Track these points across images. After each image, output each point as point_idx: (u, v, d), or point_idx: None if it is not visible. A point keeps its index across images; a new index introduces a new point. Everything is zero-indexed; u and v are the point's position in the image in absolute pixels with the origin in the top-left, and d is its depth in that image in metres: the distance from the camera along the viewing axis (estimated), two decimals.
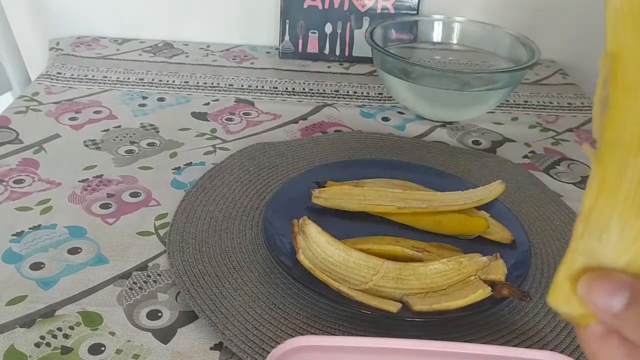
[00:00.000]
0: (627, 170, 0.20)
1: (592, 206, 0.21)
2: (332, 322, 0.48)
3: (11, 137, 0.72)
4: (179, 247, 0.54)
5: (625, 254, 0.21)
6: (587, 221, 0.21)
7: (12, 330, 0.46)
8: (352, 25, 0.96)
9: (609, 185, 0.21)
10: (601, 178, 0.21)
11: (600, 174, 0.21)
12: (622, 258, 0.21)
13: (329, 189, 0.59)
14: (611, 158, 0.21)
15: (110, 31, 1.02)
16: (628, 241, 0.20)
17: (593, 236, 0.21)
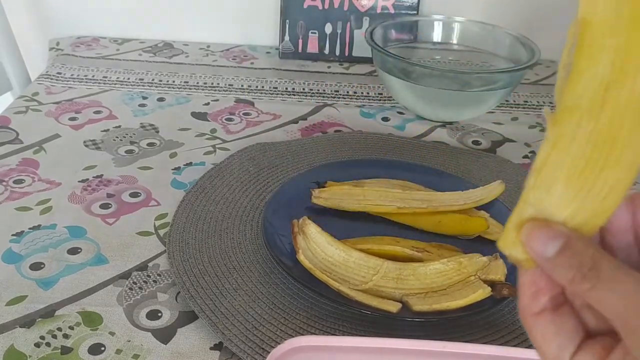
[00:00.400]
0: (578, 132, 0.22)
1: (544, 162, 0.22)
2: (332, 322, 0.48)
3: (11, 137, 0.72)
4: (178, 247, 0.54)
5: (568, 207, 0.22)
6: (538, 175, 0.23)
7: (12, 330, 0.46)
8: (352, 25, 0.96)
9: (561, 145, 0.22)
10: (555, 138, 0.22)
11: (554, 134, 0.22)
12: (565, 211, 0.22)
13: (329, 189, 0.59)
14: (566, 120, 0.22)
15: (110, 31, 1.02)
16: (570, 196, 0.22)
17: (542, 189, 0.23)
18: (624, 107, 0.21)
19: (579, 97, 0.21)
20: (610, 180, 0.22)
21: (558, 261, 0.22)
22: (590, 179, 0.22)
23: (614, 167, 0.22)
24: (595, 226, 0.23)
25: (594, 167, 0.22)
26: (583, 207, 0.22)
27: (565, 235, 0.22)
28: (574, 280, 0.21)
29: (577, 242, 0.22)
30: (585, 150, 0.22)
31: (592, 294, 0.21)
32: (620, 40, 0.20)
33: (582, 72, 0.21)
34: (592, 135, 0.21)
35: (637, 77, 0.20)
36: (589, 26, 0.21)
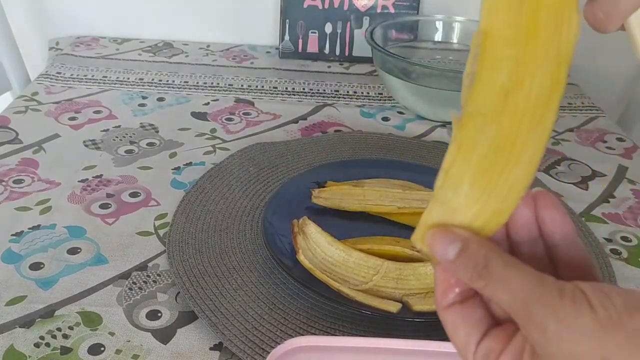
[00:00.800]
0: (481, 136, 0.23)
1: (450, 164, 0.24)
2: (332, 323, 0.48)
3: (11, 137, 0.72)
4: (178, 247, 0.54)
5: (473, 207, 0.24)
6: (446, 176, 0.24)
7: (12, 330, 0.46)
8: (352, 25, 0.96)
9: (466, 148, 0.23)
10: (460, 141, 0.24)
11: (460, 137, 0.24)
12: (471, 210, 0.24)
13: (329, 189, 0.59)
14: (471, 125, 0.23)
15: (110, 31, 1.02)
16: (475, 196, 0.24)
17: (450, 189, 0.24)
18: (521, 112, 0.22)
19: (481, 103, 0.23)
20: (510, 180, 0.23)
21: (458, 263, 0.24)
22: (493, 179, 0.23)
23: (513, 168, 0.23)
24: (498, 223, 0.25)
25: (495, 169, 0.23)
26: (487, 206, 0.24)
27: (462, 239, 0.24)
28: (472, 279, 0.24)
29: (472, 244, 0.24)
30: (487, 153, 0.23)
31: (487, 290, 0.23)
32: (518, 51, 0.22)
33: (484, 80, 0.23)
34: (493, 138, 0.23)
35: (533, 84, 0.22)
36: (489, 37, 0.22)
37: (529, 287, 0.22)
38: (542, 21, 0.22)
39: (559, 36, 0.22)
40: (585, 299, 0.21)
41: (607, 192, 0.68)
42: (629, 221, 0.63)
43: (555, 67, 0.22)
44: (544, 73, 0.22)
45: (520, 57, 0.22)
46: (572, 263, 0.25)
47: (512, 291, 0.22)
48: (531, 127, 0.23)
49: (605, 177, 0.71)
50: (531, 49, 0.22)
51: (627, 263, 0.57)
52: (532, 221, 0.26)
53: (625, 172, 0.72)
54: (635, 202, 0.66)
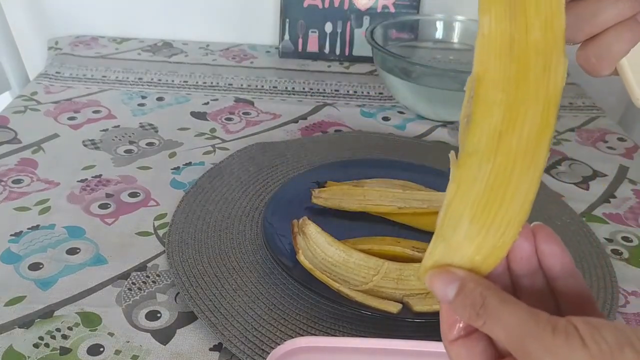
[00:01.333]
0: (479, 175, 0.24)
1: (450, 202, 0.25)
2: (332, 323, 0.48)
3: (10, 137, 0.71)
4: (178, 248, 0.54)
5: (473, 242, 0.25)
6: (446, 214, 0.25)
7: (11, 330, 0.46)
8: (352, 25, 0.96)
9: (464, 186, 0.25)
10: (458, 179, 0.25)
11: (458, 176, 0.25)
12: (471, 245, 0.25)
13: (329, 189, 0.59)
14: (468, 164, 0.25)
15: (109, 30, 1.01)
16: (474, 232, 0.25)
17: (450, 226, 0.25)
18: (514, 152, 0.24)
19: (477, 143, 0.24)
20: (507, 216, 0.25)
21: (456, 302, 0.25)
22: (490, 216, 0.25)
23: (509, 204, 0.25)
24: (498, 258, 0.26)
25: (492, 205, 0.25)
26: (486, 242, 0.25)
27: (459, 279, 0.25)
28: (471, 318, 0.24)
29: (469, 283, 0.25)
30: (484, 190, 0.24)
31: (485, 328, 0.24)
32: (509, 95, 0.24)
33: (479, 122, 0.24)
34: (489, 177, 0.24)
35: (524, 126, 0.24)
36: (482, 82, 0.24)
37: (523, 323, 0.23)
38: (532, 66, 0.24)
39: (548, 80, 0.24)
40: (577, 335, 0.21)
41: (608, 192, 0.68)
42: (630, 221, 0.63)
43: (545, 109, 0.24)
44: (534, 115, 0.24)
45: (511, 100, 0.24)
46: (572, 294, 0.26)
47: (508, 328, 0.23)
48: (524, 166, 0.24)
49: (606, 177, 0.70)
50: (521, 92, 0.24)
51: (628, 263, 0.57)
52: (532, 254, 0.27)
53: (626, 172, 0.72)
54: (636, 202, 0.66)
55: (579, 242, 0.58)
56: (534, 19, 0.24)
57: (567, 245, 0.56)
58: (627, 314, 0.51)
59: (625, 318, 0.51)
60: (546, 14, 0.24)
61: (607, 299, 0.51)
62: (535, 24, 0.24)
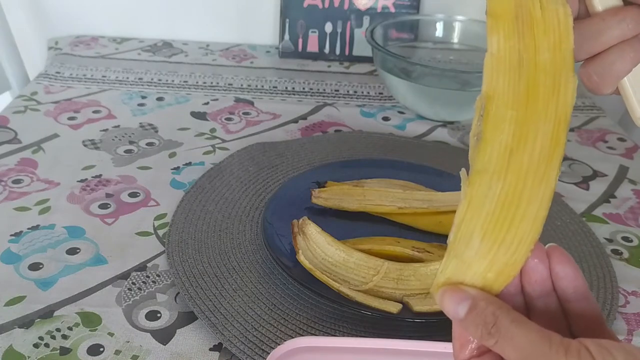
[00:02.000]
0: (489, 192, 0.25)
1: (461, 219, 0.25)
2: (332, 323, 0.48)
3: (10, 137, 0.71)
4: (178, 248, 0.54)
5: (485, 260, 0.25)
6: (458, 231, 0.25)
7: (11, 331, 0.46)
8: (352, 25, 0.96)
9: (475, 203, 0.25)
10: (469, 197, 0.25)
11: (469, 194, 0.25)
12: (483, 263, 0.25)
13: (329, 189, 0.59)
14: (479, 182, 0.25)
15: (109, 30, 1.01)
16: (486, 249, 0.25)
17: (462, 243, 0.25)
18: (525, 170, 0.24)
19: (487, 161, 0.24)
20: (518, 234, 0.25)
21: (468, 321, 0.25)
22: (501, 234, 0.25)
23: (520, 222, 0.24)
24: (510, 276, 0.25)
25: (503, 223, 0.25)
26: (497, 259, 0.25)
27: (471, 297, 0.25)
28: (482, 337, 0.24)
29: (480, 302, 0.25)
30: (495, 208, 0.24)
31: (497, 347, 0.24)
32: (519, 112, 0.24)
33: (489, 140, 0.24)
34: (500, 194, 0.24)
35: (535, 143, 0.24)
36: (492, 100, 0.25)
37: (536, 344, 0.23)
38: (541, 85, 0.24)
39: (557, 98, 0.24)
40: (589, 356, 0.22)
41: (608, 192, 0.68)
42: (630, 221, 0.63)
43: (555, 127, 0.24)
44: (544, 133, 0.24)
45: (521, 118, 0.24)
46: (584, 316, 0.26)
47: (520, 349, 0.23)
48: (535, 184, 0.24)
49: (606, 177, 0.70)
50: (531, 111, 0.24)
51: (628, 263, 0.57)
52: (546, 277, 0.27)
53: (627, 172, 0.72)
54: (637, 202, 0.66)
55: (579, 242, 0.58)
56: (543, 40, 0.24)
57: (567, 245, 0.56)
58: (627, 314, 0.51)
59: (625, 318, 0.51)
60: (554, 35, 0.24)
61: (607, 299, 0.51)
62: (544, 45, 0.24)
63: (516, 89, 0.24)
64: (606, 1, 0.29)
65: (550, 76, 0.24)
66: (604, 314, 0.50)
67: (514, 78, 0.24)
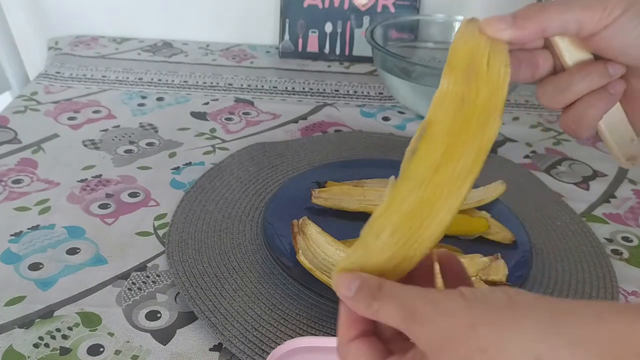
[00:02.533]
0: (410, 196, 0.28)
1: (379, 215, 0.28)
2: (332, 323, 0.48)
3: (10, 137, 0.71)
4: (178, 248, 0.54)
5: (389, 251, 0.28)
6: (373, 224, 0.28)
7: (11, 331, 0.46)
8: (352, 25, 0.96)
9: (395, 204, 0.28)
10: (391, 198, 0.28)
11: (392, 194, 0.28)
12: (386, 253, 0.28)
13: (329, 189, 0.59)
14: (403, 187, 0.28)
15: (109, 30, 1.01)
16: (393, 242, 0.28)
17: (372, 235, 0.28)
18: (444, 184, 0.28)
19: (416, 172, 0.28)
20: (422, 236, 0.28)
21: (356, 297, 0.27)
22: (410, 232, 0.28)
23: (428, 225, 0.28)
24: (405, 269, 0.29)
25: (413, 224, 0.28)
26: (399, 254, 0.28)
27: (360, 277, 0.27)
28: (368, 306, 0.26)
29: (368, 278, 0.27)
30: (410, 211, 0.28)
31: (380, 313, 0.26)
32: (452, 139, 0.29)
33: (422, 156, 0.29)
34: (417, 201, 0.28)
35: (458, 164, 0.28)
36: (432, 125, 0.29)
37: (413, 294, 0.25)
38: (474, 121, 0.29)
39: (483, 133, 0.29)
40: (457, 292, 0.25)
41: (608, 192, 0.68)
42: (630, 221, 0.63)
43: (477, 155, 0.28)
44: (467, 158, 0.28)
45: (452, 143, 0.29)
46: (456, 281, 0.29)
47: (400, 302, 0.25)
48: (448, 197, 0.28)
49: (606, 177, 0.70)
50: (462, 139, 0.29)
51: (628, 263, 0.57)
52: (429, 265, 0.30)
53: (626, 172, 0.72)
54: (637, 203, 0.66)
55: (579, 242, 0.58)
56: (483, 89, 0.29)
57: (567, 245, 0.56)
58: None
59: None
60: (493, 87, 0.29)
61: (607, 299, 0.51)
62: (483, 92, 0.29)
63: (455, 120, 0.29)
64: (575, 57, 0.34)
65: (484, 116, 0.29)
66: None
67: (455, 112, 0.29)
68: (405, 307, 0.25)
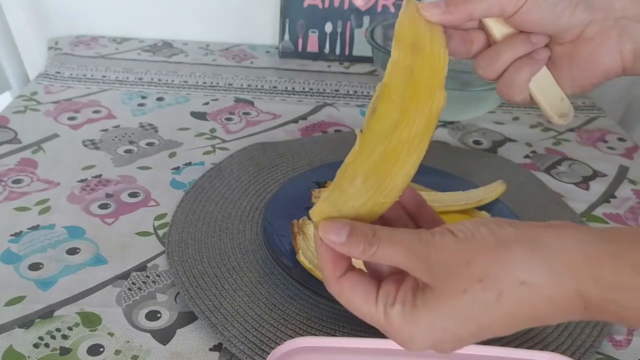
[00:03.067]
0: (376, 148, 0.32)
1: (350, 162, 0.32)
2: (332, 323, 0.48)
3: (10, 137, 0.71)
4: (178, 248, 0.54)
5: (362, 197, 0.32)
6: (345, 171, 0.32)
7: (11, 331, 0.46)
8: (352, 25, 0.96)
9: (363, 154, 0.32)
10: (360, 147, 0.32)
11: (360, 145, 0.32)
12: (361, 199, 0.32)
13: None
14: (369, 138, 0.33)
15: (109, 30, 1.01)
16: (365, 190, 0.32)
17: (347, 180, 0.32)
18: (403, 141, 0.33)
19: (378, 128, 0.33)
20: (391, 184, 0.32)
21: (349, 242, 0.30)
22: (379, 181, 0.32)
23: (395, 176, 0.32)
24: (377, 213, 0.33)
25: (382, 174, 0.32)
26: (371, 200, 0.32)
27: (349, 224, 0.30)
28: (365, 250, 0.30)
29: (358, 225, 0.30)
30: (378, 161, 0.32)
31: (377, 253, 0.29)
32: (404, 102, 0.33)
33: (381, 114, 0.33)
34: (383, 152, 0.32)
35: (413, 125, 0.33)
36: (388, 87, 0.33)
37: (410, 237, 0.29)
38: (421, 90, 0.33)
39: (432, 101, 0.33)
40: (448, 231, 0.29)
41: (608, 192, 0.68)
42: (630, 221, 0.63)
43: (428, 119, 0.33)
44: (420, 121, 0.33)
45: (406, 107, 0.33)
46: (431, 222, 0.34)
47: (399, 245, 0.29)
48: (410, 151, 0.33)
49: (606, 177, 0.70)
50: (414, 104, 0.33)
51: None
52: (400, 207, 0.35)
53: (626, 172, 0.72)
54: (636, 203, 0.66)
55: None
56: (427, 64, 0.34)
57: None
58: None
59: None
60: (435, 63, 0.34)
61: None
62: (427, 67, 0.34)
63: (405, 87, 0.33)
64: (503, 32, 0.39)
65: (429, 87, 0.33)
66: None
67: (405, 81, 0.33)
68: (405, 247, 0.29)
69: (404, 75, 0.34)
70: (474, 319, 0.28)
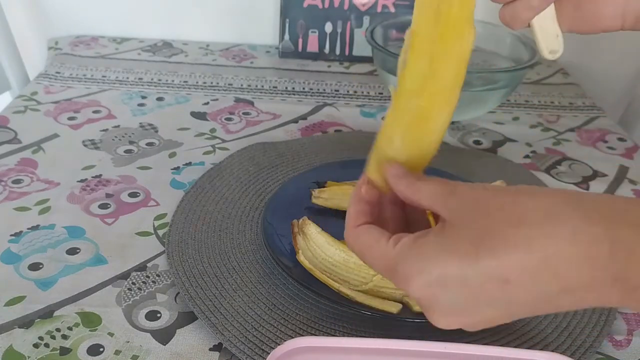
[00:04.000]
0: (409, 106, 0.33)
1: (388, 123, 0.34)
2: (332, 323, 0.48)
3: (10, 137, 0.71)
4: (178, 248, 0.54)
5: (404, 155, 0.34)
6: (385, 130, 0.34)
7: (11, 331, 0.46)
8: (352, 25, 0.96)
9: (399, 113, 0.34)
10: (394, 107, 0.34)
11: (396, 104, 0.34)
12: (402, 157, 0.34)
13: (329, 189, 0.59)
14: (402, 97, 0.33)
15: (109, 30, 1.01)
16: (404, 147, 0.34)
17: (386, 141, 0.34)
18: (435, 93, 0.33)
19: (410, 82, 0.33)
20: (427, 140, 0.34)
21: (402, 177, 0.33)
22: (417, 137, 0.34)
23: (431, 132, 0.34)
24: (418, 168, 0.35)
25: (417, 132, 0.34)
26: (412, 156, 0.34)
27: (403, 168, 0.34)
28: (412, 183, 0.32)
29: (409, 171, 0.34)
30: (411, 120, 0.33)
31: (423, 188, 0.32)
32: (434, 48, 0.32)
33: (412, 67, 0.32)
34: (416, 109, 0.33)
35: (445, 74, 0.32)
36: (416, 36, 0.33)
37: (449, 182, 0.32)
38: (450, 32, 0.32)
39: (461, 44, 0.32)
40: (481, 185, 0.31)
41: (608, 192, 0.67)
42: None
43: (458, 65, 0.32)
44: (449, 69, 0.32)
45: (435, 53, 0.32)
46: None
47: (440, 181, 0.32)
48: (442, 105, 0.33)
49: (606, 177, 0.70)
50: (442, 49, 0.32)
51: None
52: None
53: (627, 172, 0.72)
54: None
55: None
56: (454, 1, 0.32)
57: None
58: (627, 314, 0.51)
59: (625, 318, 0.51)
60: None
61: None
62: (455, 3, 0.32)
63: (434, 31, 0.32)
64: None
65: (458, 27, 0.32)
66: (603, 314, 0.50)
67: (433, 23, 0.32)
68: (446, 186, 0.31)
69: (431, 18, 0.32)
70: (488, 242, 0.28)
